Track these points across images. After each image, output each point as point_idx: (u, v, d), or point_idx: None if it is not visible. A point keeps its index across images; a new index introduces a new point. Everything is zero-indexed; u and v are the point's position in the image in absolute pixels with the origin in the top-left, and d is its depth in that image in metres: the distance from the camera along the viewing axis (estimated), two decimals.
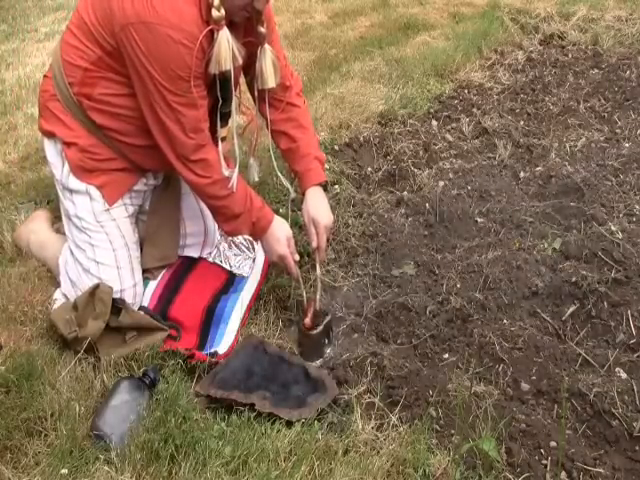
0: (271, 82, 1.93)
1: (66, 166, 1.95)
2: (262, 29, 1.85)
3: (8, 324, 1.96)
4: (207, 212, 2.17)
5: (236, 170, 1.90)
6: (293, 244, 2.05)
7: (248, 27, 1.86)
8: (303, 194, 2.09)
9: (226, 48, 1.72)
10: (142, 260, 2.08)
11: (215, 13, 1.68)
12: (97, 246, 1.96)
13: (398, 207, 2.66)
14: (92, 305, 1.85)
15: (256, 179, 2.15)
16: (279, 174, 2.12)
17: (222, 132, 1.97)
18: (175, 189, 2.14)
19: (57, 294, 2.03)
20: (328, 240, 2.11)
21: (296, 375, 1.82)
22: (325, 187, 2.13)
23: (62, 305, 1.94)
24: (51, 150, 1.99)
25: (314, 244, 2.05)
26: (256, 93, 2.00)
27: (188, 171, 1.87)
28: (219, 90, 1.83)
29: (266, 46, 1.89)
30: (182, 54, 1.69)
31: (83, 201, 1.96)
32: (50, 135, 1.97)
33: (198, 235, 2.20)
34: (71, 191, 1.97)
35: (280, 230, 2.02)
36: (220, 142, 1.93)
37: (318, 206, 2.06)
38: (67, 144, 1.93)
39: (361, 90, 3.39)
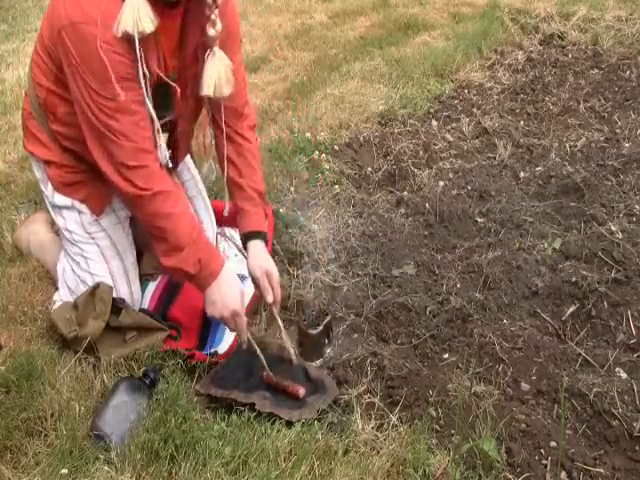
0: (206, 89, 1.75)
1: (49, 184, 1.94)
2: (212, 31, 1.70)
3: (8, 324, 1.96)
4: (203, 218, 2.16)
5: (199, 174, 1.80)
6: (244, 301, 1.82)
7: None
8: (245, 235, 1.96)
9: (131, 9, 1.57)
10: (140, 266, 2.07)
11: None
12: (90, 258, 1.95)
13: (398, 207, 2.66)
14: (92, 305, 1.85)
15: (212, 179, 2.04)
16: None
17: (162, 139, 1.83)
18: None
19: (57, 295, 2.03)
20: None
21: (296, 375, 1.82)
22: (266, 241, 2.00)
23: (62, 305, 1.94)
24: (36, 169, 1.98)
25: (270, 298, 1.87)
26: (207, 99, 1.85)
27: (126, 182, 1.70)
28: (145, 87, 1.67)
29: (216, 51, 1.73)
30: (105, 52, 1.59)
31: (72, 215, 1.94)
32: (32, 155, 1.95)
33: None
34: (59, 207, 1.95)
35: (234, 279, 1.80)
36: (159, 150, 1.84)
37: (267, 258, 1.93)
38: (47, 163, 1.91)
39: (361, 90, 3.39)
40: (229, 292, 1.78)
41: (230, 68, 1.77)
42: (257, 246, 1.95)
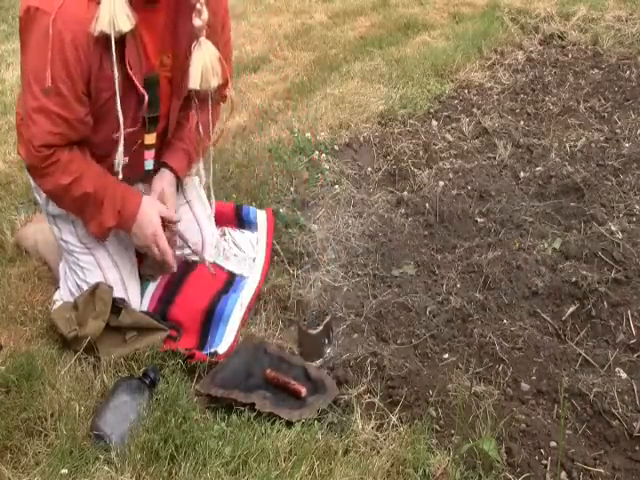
0: (194, 83, 1.74)
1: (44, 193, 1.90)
2: (198, 21, 1.68)
3: (8, 324, 1.96)
4: (202, 221, 2.16)
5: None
6: (161, 218, 1.88)
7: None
8: (160, 163, 1.97)
9: (107, 7, 1.54)
10: (142, 268, 2.07)
11: None
12: (86, 269, 1.94)
13: (398, 207, 2.66)
14: (92, 304, 1.85)
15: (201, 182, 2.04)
16: None
17: (149, 139, 1.86)
18: None
19: (57, 295, 2.03)
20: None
21: (296, 375, 1.82)
22: (179, 181, 2.03)
23: (62, 305, 1.94)
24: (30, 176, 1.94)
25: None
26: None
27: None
28: (117, 86, 1.64)
29: (202, 41, 1.71)
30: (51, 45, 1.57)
31: (66, 225, 1.93)
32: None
33: (196, 245, 2.17)
34: (53, 216, 1.94)
35: (150, 210, 1.85)
36: (146, 150, 1.87)
37: (168, 187, 1.97)
38: None
39: (361, 90, 3.39)
40: (146, 222, 1.84)
41: (217, 57, 1.75)
42: (164, 174, 1.97)
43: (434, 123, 3.28)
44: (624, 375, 1.80)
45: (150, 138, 1.87)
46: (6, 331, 1.93)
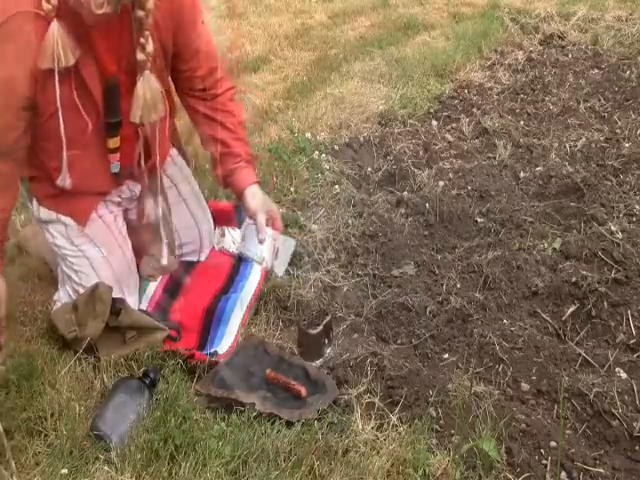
0: (133, 117, 1.72)
1: (34, 199, 1.91)
2: (141, 55, 1.66)
3: (8, 324, 1.95)
4: (199, 218, 2.17)
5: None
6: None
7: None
8: (240, 193, 2.00)
9: (51, 43, 1.53)
10: (142, 268, 2.07)
11: (45, 5, 1.51)
12: (80, 272, 1.93)
13: (398, 207, 2.66)
14: (92, 305, 1.85)
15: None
16: None
17: (113, 143, 1.83)
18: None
19: (57, 295, 2.03)
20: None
21: (296, 375, 1.82)
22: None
23: (62, 305, 1.94)
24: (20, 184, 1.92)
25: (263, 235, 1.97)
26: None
27: None
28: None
29: (146, 74, 1.68)
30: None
31: (58, 229, 1.92)
32: None
33: (193, 243, 2.19)
34: (45, 222, 1.93)
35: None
36: (111, 154, 1.85)
37: (265, 198, 2.02)
38: (29, 178, 1.89)
39: (361, 90, 3.39)
40: None
41: (159, 92, 1.73)
42: (253, 189, 1.99)
43: (434, 123, 3.28)
44: (624, 375, 1.80)
45: (114, 142, 1.84)
46: (6, 331, 1.93)
